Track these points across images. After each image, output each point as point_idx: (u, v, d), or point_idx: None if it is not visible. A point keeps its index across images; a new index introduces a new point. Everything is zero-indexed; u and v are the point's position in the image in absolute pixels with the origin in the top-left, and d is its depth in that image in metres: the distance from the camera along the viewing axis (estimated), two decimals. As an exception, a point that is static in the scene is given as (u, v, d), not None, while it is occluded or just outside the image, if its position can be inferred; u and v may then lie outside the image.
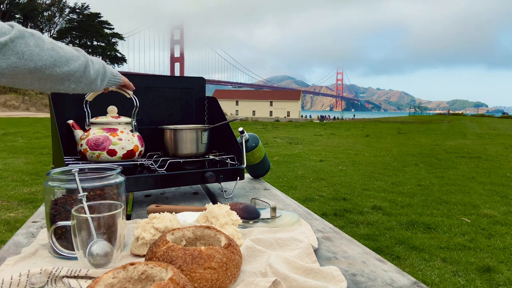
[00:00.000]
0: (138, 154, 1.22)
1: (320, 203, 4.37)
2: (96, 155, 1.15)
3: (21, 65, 0.69)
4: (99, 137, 1.16)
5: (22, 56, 0.69)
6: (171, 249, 0.64)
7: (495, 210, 4.16)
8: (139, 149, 1.22)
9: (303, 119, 47.70)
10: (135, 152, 1.20)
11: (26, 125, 13.96)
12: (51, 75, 0.75)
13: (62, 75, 0.77)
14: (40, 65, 0.72)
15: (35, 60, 0.71)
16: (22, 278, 0.64)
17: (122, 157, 1.17)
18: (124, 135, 1.19)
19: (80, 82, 0.83)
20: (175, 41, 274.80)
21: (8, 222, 3.48)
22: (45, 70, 0.73)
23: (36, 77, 0.73)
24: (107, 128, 1.19)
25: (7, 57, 0.67)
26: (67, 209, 0.75)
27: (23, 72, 0.70)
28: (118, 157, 1.17)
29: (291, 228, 0.94)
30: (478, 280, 2.54)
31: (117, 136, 1.17)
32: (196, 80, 1.53)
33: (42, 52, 0.72)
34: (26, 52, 0.69)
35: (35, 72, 0.72)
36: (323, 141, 11.21)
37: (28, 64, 0.70)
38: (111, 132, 1.18)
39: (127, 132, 1.20)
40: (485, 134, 15.01)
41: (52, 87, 0.78)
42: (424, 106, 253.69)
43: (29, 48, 0.70)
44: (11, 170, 5.83)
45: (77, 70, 0.81)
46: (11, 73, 0.69)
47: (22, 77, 0.71)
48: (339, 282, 0.66)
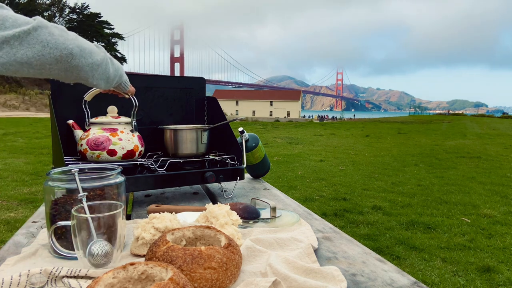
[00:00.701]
0: (138, 154, 1.22)
1: (320, 203, 4.37)
2: (96, 155, 1.15)
3: (47, 53, 0.70)
4: (99, 137, 1.16)
5: (47, 45, 0.70)
6: (171, 249, 0.64)
7: (495, 210, 4.16)
8: (139, 149, 1.22)
9: (303, 119, 47.70)
10: (135, 152, 1.20)
11: (26, 125, 13.96)
12: (77, 66, 0.76)
13: (87, 67, 0.79)
14: (65, 54, 0.73)
15: (60, 49, 0.72)
16: (22, 278, 0.64)
17: (122, 157, 1.17)
18: (124, 135, 1.19)
19: (101, 77, 0.85)
20: (175, 41, 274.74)
21: (8, 222, 3.48)
22: (72, 60, 0.74)
23: (62, 68, 0.74)
24: (107, 128, 1.19)
25: (32, 45, 0.68)
26: (67, 209, 0.75)
27: (50, 61, 0.71)
28: (118, 157, 1.17)
29: (291, 228, 0.94)
30: (478, 280, 2.54)
31: (117, 136, 1.17)
32: (196, 80, 1.53)
33: (67, 42, 0.73)
34: (50, 41, 0.70)
35: (61, 61, 0.73)
36: (323, 141, 11.21)
37: (54, 53, 0.71)
38: (111, 132, 1.18)
39: (127, 132, 1.20)
40: (485, 134, 15.01)
41: (78, 77, 0.79)
42: (424, 106, 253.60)
43: (53, 37, 0.71)
44: (11, 170, 5.83)
45: (101, 63, 0.82)
46: (38, 62, 0.69)
47: (49, 67, 0.72)
48: (339, 282, 0.66)
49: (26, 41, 0.67)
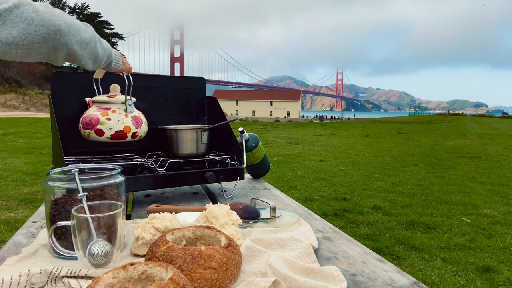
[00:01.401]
0: (132, 136, 1.15)
1: (320, 203, 4.37)
2: (86, 133, 1.13)
3: (33, 31, 0.67)
4: (91, 116, 1.13)
5: (32, 22, 0.66)
6: (171, 249, 0.64)
7: (495, 210, 4.16)
8: (132, 130, 1.15)
9: (303, 119, 47.70)
10: (126, 133, 1.13)
11: (26, 125, 13.96)
12: (66, 44, 0.73)
13: (76, 44, 0.76)
14: (53, 30, 0.70)
15: (46, 26, 0.68)
16: (22, 278, 0.64)
17: (110, 137, 1.13)
18: (115, 115, 1.13)
19: (90, 56, 0.82)
20: (175, 41, 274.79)
21: (8, 222, 3.48)
22: (60, 37, 0.71)
23: (51, 46, 0.71)
24: (102, 107, 1.14)
25: (16, 24, 0.65)
26: (67, 209, 0.75)
27: (37, 40, 0.68)
28: (106, 137, 1.12)
29: (291, 228, 0.94)
30: (478, 280, 2.54)
31: (106, 116, 1.12)
32: (196, 80, 1.53)
33: (53, 18, 0.70)
34: (35, 18, 0.67)
35: (49, 39, 0.69)
36: (323, 141, 11.21)
37: (40, 30, 0.68)
38: (102, 111, 1.13)
39: (119, 112, 1.14)
40: (485, 134, 15.01)
41: (68, 56, 0.77)
42: (424, 106, 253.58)
43: (38, 14, 0.67)
44: (11, 170, 5.82)
45: (89, 41, 0.79)
46: (25, 42, 0.66)
47: (37, 47, 0.69)
48: (339, 282, 0.66)
49: (9, 19, 0.64)
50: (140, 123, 1.18)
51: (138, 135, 1.18)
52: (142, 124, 1.19)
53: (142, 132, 1.20)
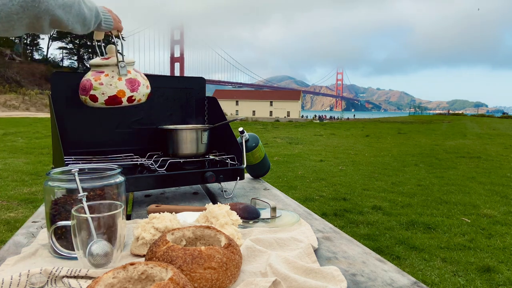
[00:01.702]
0: (128, 100, 1.08)
1: (320, 203, 4.37)
2: (83, 99, 1.09)
3: (8, 1, 0.62)
4: (85, 81, 1.07)
5: None
6: (171, 249, 0.64)
7: (495, 210, 4.16)
8: (127, 94, 1.07)
9: (303, 119, 47.70)
10: (120, 98, 1.06)
11: (26, 125, 13.96)
12: (48, 10, 0.68)
13: (59, 9, 0.70)
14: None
15: None
16: (22, 278, 0.64)
17: (104, 103, 1.06)
18: (107, 79, 1.05)
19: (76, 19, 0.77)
20: (175, 41, 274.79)
21: (8, 222, 3.48)
22: (39, 3, 0.66)
23: (32, 15, 0.66)
24: (96, 71, 1.08)
25: None
26: (67, 209, 0.75)
27: (16, 10, 0.63)
28: (101, 103, 1.07)
29: (291, 228, 0.94)
30: (478, 280, 2.54)
31: (99, 80, 1.05)
32: (196, 80, 1.53)
33: None
34: None
35: (27, 8, 0.64)
36: (323, 141, 11.21)
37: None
38: (95, 75, 1.07)
39: (112, 75, 1.06)
40: (485, 134, 15.01)
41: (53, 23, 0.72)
42: (424, 106, 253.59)
43: None
44: (11, 170, 5.83)
45: (73, 3, 0.74)
46: (3, 14, 0.62)
47: (17, 18, 0.64)
48: (339, 282, 0.66)
49: None
50: (137, 86, 1.09)
51: (135, 99, 1.09)
52: (140, 87, 1.10)
53: (141, 96, 1.11)
